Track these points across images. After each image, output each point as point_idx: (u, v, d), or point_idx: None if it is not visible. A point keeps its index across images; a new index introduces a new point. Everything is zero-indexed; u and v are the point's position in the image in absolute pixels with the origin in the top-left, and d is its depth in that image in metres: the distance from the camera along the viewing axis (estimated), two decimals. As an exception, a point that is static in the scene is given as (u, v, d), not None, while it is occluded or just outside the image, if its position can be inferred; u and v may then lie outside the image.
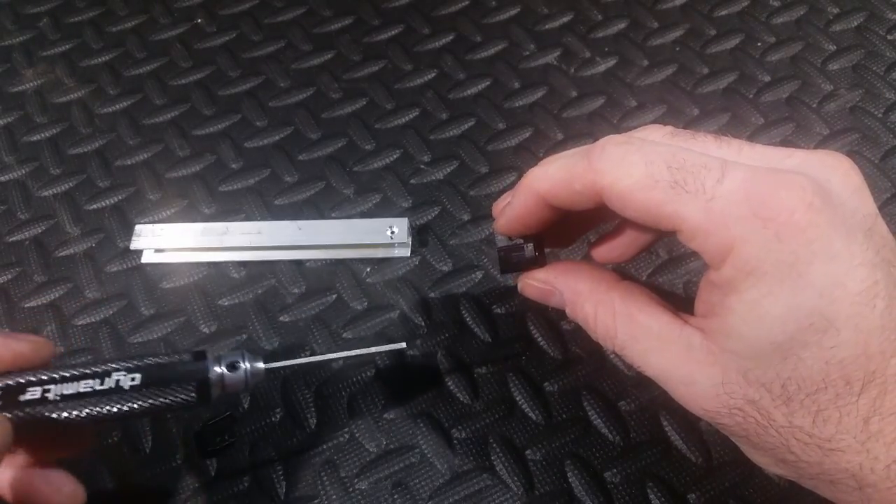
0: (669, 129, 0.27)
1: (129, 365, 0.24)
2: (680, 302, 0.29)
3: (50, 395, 0.23)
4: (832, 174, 0.25)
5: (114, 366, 0.24)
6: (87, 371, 0.24)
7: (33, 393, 0.24)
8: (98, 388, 0.23)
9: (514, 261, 0.31)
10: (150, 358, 0.25)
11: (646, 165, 0.24)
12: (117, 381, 0.23)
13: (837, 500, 0.25)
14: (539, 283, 0.31)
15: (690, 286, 0.40)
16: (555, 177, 0.27)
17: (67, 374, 0.24)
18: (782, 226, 0.23)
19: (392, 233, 0.41)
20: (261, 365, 0.28)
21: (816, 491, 0.25)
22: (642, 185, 0.24)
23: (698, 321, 0.26)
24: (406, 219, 0.41)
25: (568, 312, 0.30)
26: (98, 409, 0.24)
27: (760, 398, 0.24)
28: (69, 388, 0.23)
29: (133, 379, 0.24)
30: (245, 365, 0.27)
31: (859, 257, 0.23)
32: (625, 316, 0.27)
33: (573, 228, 0.34)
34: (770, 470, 0.26)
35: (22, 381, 0.24)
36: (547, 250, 0.32)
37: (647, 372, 0.27)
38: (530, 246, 0.31)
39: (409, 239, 0.42)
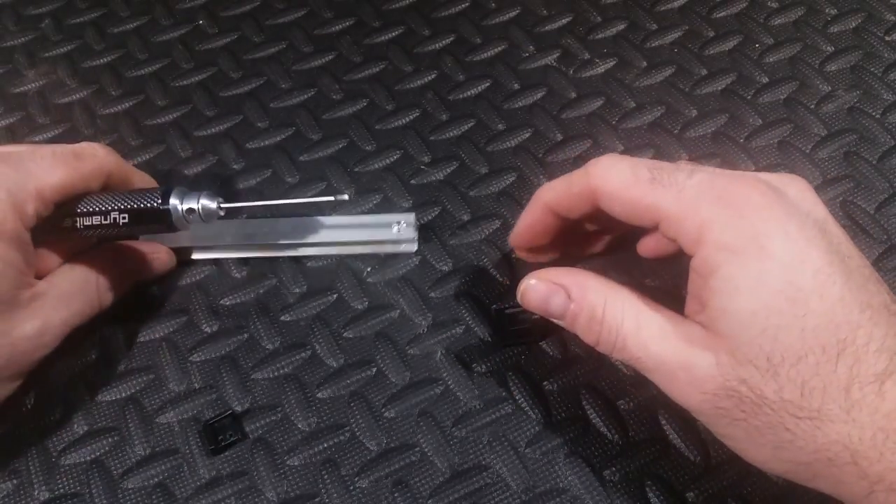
0: None
1: (123, 207, 0.36)
2: (679, 306, 0.30)
3: (78, 223, 0.35)
4: (787, 186, 0.28)
5: (114, 213, 0.35)
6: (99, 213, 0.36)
7: (77, 221, 0.36)
8: (104, 222, 0.35)
9: (514, 323, 0.38)
10: (136, 202, 0.35)
11: (631, 168, 0.29)
12: (114, 218, 0.35)
13: (838, 482, 0.26)
14: (543, 282, 0.32)
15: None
16: (558, 187, 0.33)
17: (94, 211, 0.36)
18: (742, 206, 0.27)
19: (399, 228, 0.41)
20: (213, 205, 0.36)
21: (817, 480, 0.26)
22: (627, 184, 0.29)
23: (693, 317, 0.28)
24: (413, 214, 0.42)
25: (570, 311, 0.31)
26: (104, 231, 0.36)
27: (750, 376, 0.26)
28: (89, 221, 0.35)
29: (125, 218, 0.35)
30: (198, 206, 0.36)
31: (814, 242, 0.26)
32: (632, 306, 0.29)
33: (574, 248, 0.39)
34: (769, 466, 0.27)
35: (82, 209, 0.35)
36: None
37: (646, 363, 0.29)
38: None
39: (416, 234, 0.42)
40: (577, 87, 0.49)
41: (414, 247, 0.42)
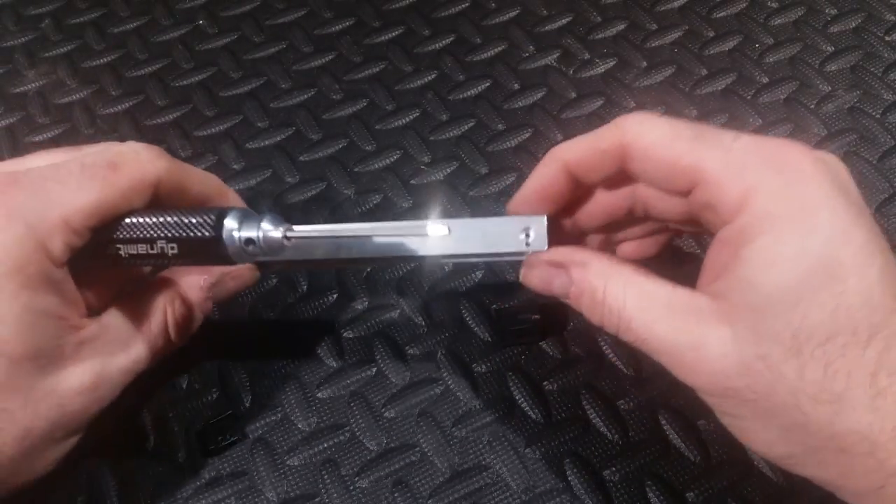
0: None
1: (170, 235, 0.30)
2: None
3: (122, 252, 0.30)
4: (828, 159, 0.27)
5: (160, 241, 0.30)
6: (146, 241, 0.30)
7: (120, 248, 0.30)
8: (151, 251, 0.30)
9: (514, 324, 0.37)
10: (185, 228, 0.30)
11: (670, 124, 0.27)
12: (161, 248, 0.30)
13: (845, 472, 0.24)
14: (545, 263, 0.30)
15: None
16: (581, 144, 0.30)
17: (137, 238, 0.30)
18: (793, 172, 0.25)
19: (528, 238, 0.31)
20: (277, 234, 0.30)
21: (820, 468, 0.25)
22: (667, 139, 0.27)
23: (705, 287, 0.27)
24: (544, 217, 0.31)
25: (572, 292, 0.29)
26: (155, 261, 0.30)
27: (770, 352, 0.24)
28: (134, 249, 0.30)
29: (174, 248, 0.30)
30: (259, 236, 0.30)
31: (857, 219, 0.25)
32: (635, 285, 0.28)
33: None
34: (772, 449, 0.26)
35: (126, 236, 0.30)
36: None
37: (652, 344, 0.27)
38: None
39: (547, 240, 0.32)
40: (577, 87, 0.49)
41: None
